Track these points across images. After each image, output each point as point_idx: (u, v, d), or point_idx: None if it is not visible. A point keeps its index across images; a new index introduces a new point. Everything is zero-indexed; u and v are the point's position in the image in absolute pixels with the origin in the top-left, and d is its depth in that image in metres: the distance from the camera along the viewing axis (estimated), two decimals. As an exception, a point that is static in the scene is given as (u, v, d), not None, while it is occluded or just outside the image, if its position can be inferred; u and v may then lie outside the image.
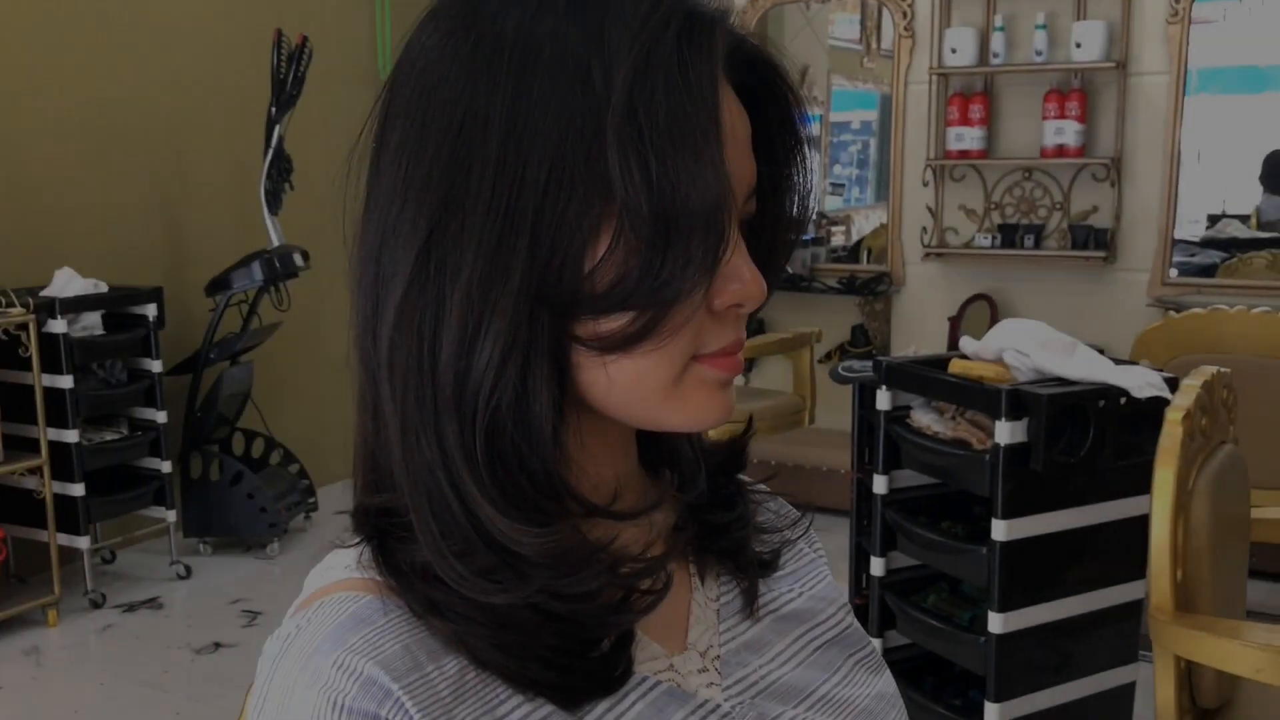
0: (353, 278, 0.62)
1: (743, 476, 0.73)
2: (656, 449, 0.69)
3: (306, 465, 4.30)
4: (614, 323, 0.56)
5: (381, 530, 0.59)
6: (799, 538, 0.75)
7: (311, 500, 4.26)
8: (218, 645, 3.33)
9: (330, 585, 0.59)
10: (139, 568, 3.94)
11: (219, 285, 3.94)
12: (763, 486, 0.76)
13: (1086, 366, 2.13)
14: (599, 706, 0.58)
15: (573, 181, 0.54)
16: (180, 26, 4.16)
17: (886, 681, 0.72)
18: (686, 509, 0.68)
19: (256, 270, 3.90)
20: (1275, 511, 2.03)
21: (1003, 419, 2.03)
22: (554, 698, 0.57)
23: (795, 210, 0.64)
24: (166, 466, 3.79)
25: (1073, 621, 2.18)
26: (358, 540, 0.61)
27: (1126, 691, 2.27)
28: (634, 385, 0.58)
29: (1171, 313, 3.24)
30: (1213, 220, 4.93)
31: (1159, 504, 1.57)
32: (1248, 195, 4.92)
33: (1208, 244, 4.74)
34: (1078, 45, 4.03)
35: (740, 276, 0.58)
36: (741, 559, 0.70)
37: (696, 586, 0.68)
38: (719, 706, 0.63)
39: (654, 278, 0.55)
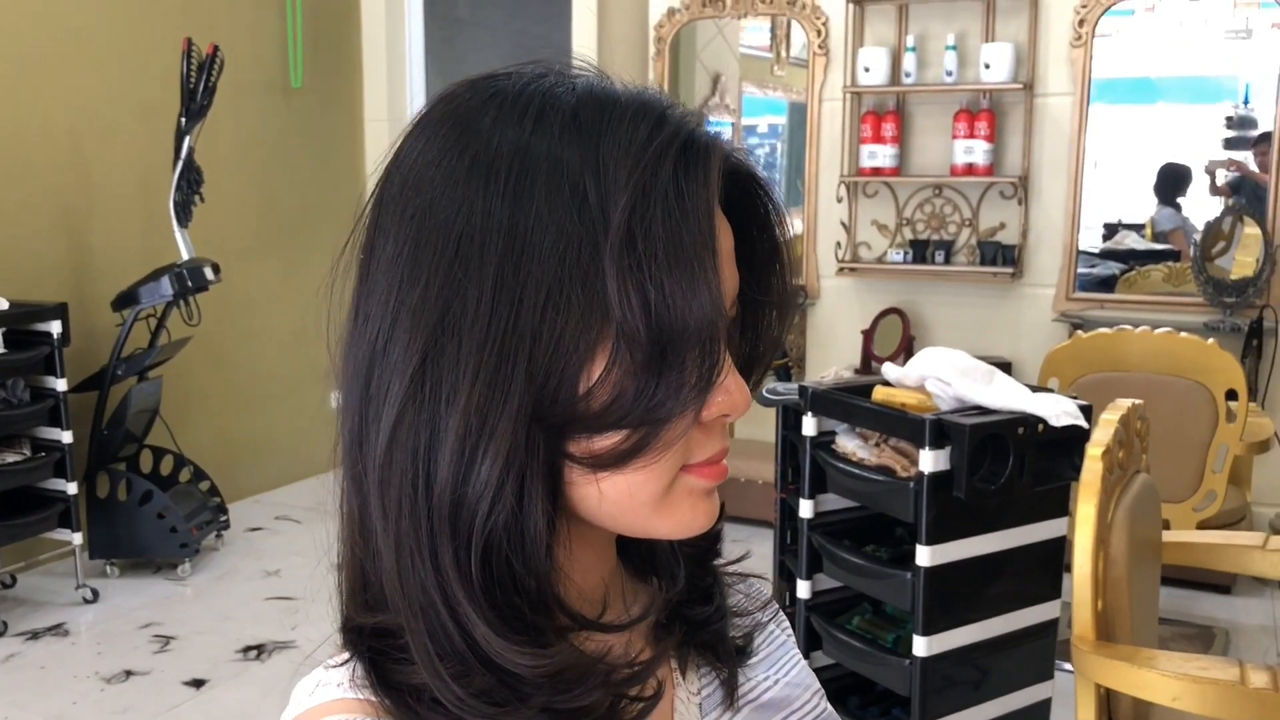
0: (339, 390, 0.61)
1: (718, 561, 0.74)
2: (634, 546, 0.70)
3: (217, 482, 4.21)
4: (607, 440, 0.57)
5: (375, 650, 0.59)
6: (769, 620, 0.77)
7: (223, 518, 4.17)
8: (129, 673, 3.24)
9: (323, 706, 0.59)
10: (42, 592, 3.82)
11: (127, 300, 3.84)
12: (734, 568, 0.77)
13: (1005, 395, 2.19)
14: None
15: (570, 303, 0.55)
16: (83, 35, 4.04)
17: None
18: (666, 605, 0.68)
19: (166, 284, 3.80)
20: (1184, 535, 2.11)
21: (927, 448, 2.08)
22: None
23: (775, 319, 0.65)
24: (72, 488, 3.68)
25: (993, 642, 2.24)
26: (347, 659, 0.60)
27: (1043, 707, 2.34)
28: (625, 498, 0.59)
29: (1080, 332, 3.35)
30: (1109, 229, 5.10)
31: (1081, 537, 1.63)
32: (1142, 205, 5.10)
33: (1106, 255, 4.90)
34: (986, 66, 4.14)
35: (727, 388, 0.59)
36: (721, 650, 0.71)
37: (679, 682, 0.69)
38: None
39: (649, 398, 0.56)
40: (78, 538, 3.73)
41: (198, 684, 3.18)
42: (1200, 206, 4.56)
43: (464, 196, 0.56)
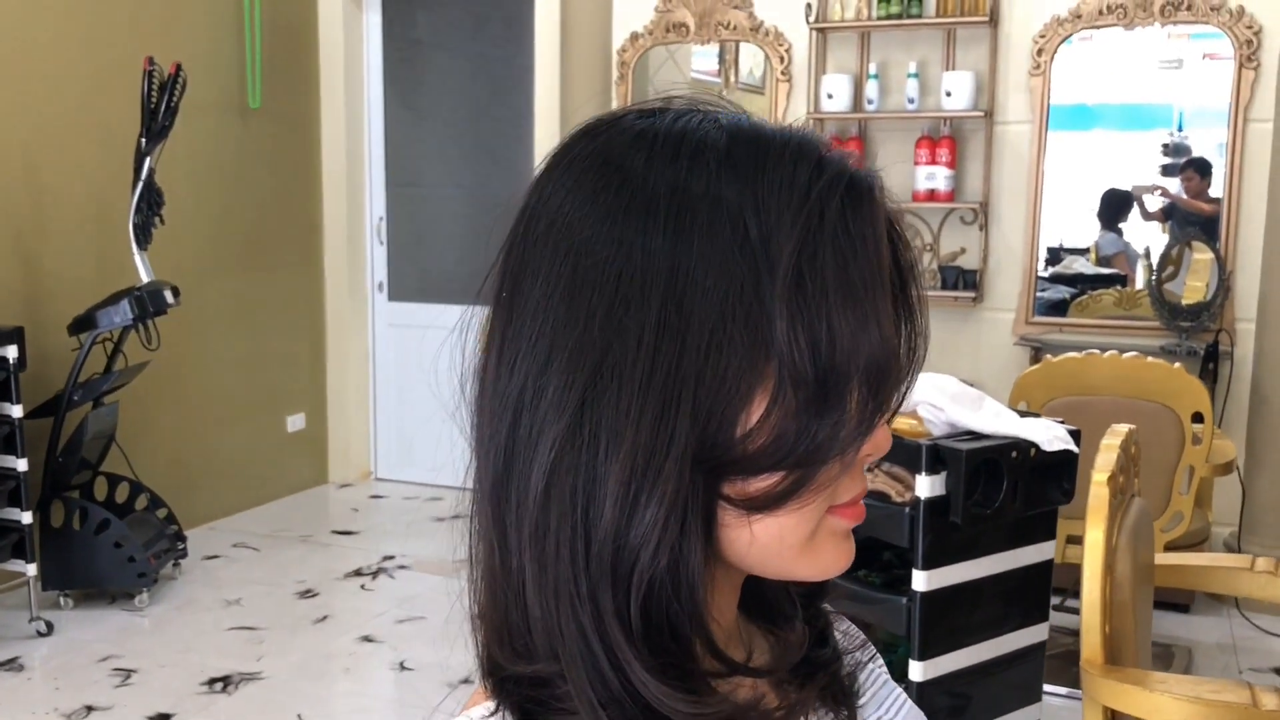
0: (476, 433, 0.60)
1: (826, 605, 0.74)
2: (746, 589, 0.69)
3: (174, 509, 4.11)
4: (764, 482, 0.56)
5: (527, 699, 0.57)
6: (869, 659, 0.76)
7: (181, 546, 4.08)
8: (90, 709, 3.15)
9: (479, 758, 0.57)
10: (-7, 625, 3.71)
11: (84, 324, 3.75)
12: (828, 608, 0.77)
13: (995, 420, 2.21)
14: None
15: (733, 343, 0.54)
16: (38, 54, 3.95)
17: None
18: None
19: (126, 308, 3.72)
20: (1175, 558, 2.14)
21: (923, 473, 2.09)
22: None
23: (916, 353, 0.65)
24: (27, 517, 3.57)
25: (984, 665, 2.26)
26: (494, 710, 0.58)
27: (1031, 730, 2.37)
28: (775, 541, 0.58)
29: (1049, 356, 3.40)
30: (1052, 254, 5.20)
31: (1090, 563, 1.64)
32: (1083, 230, 5.21)
33: (1055, 279, 4.99)
34: (948, 94, 4.20)
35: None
36: (838, 691, 0.70)
37: (802, 725, 0.68)
38: None
39: (810, 439, 0.55)
40: (32, 569, 3.62)
41: (163, 718, 3.09)
42: (1140, 231, 4.67)
43: (622, 235, 0.55)
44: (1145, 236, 4.63)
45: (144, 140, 3.78)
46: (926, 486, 2.10)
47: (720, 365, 0.54)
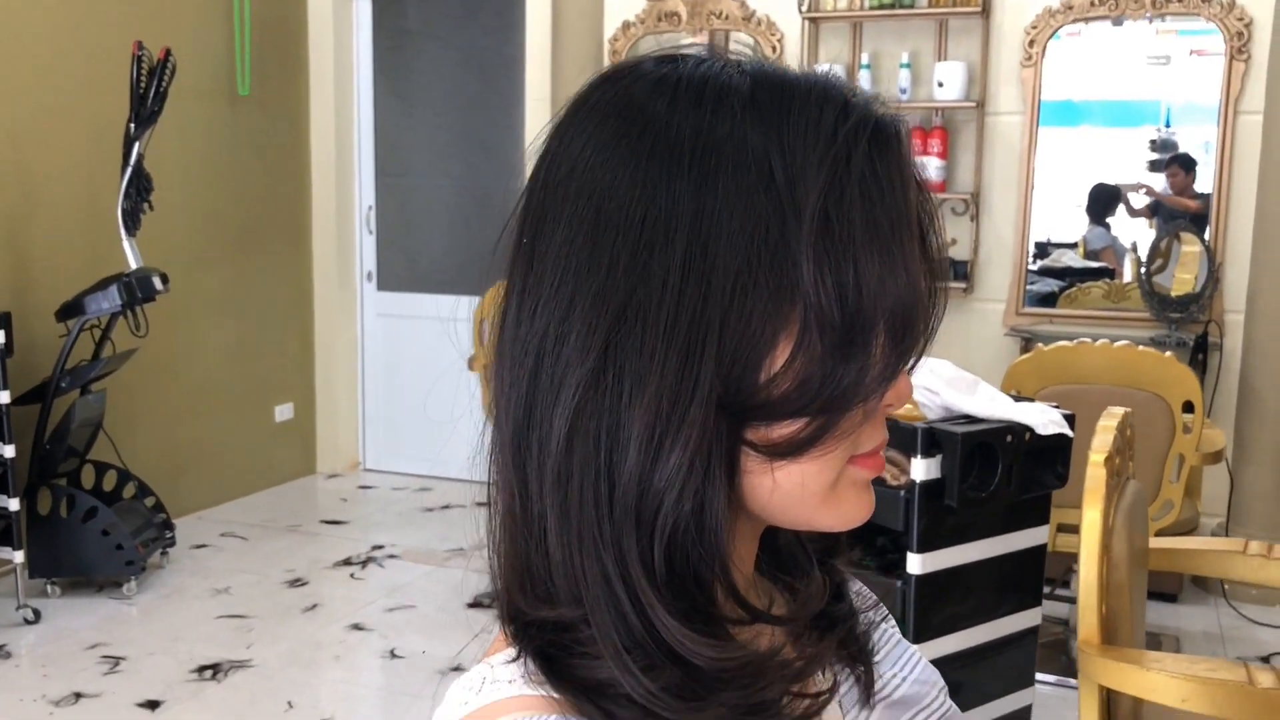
0: (497, 380, 0.59)
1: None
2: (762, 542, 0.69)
3: (162, 497, 4.09)
4: (787, 428, 0.56)
5: (549, 644, 0.57)
6: (882, 619, 0.76)
7: (169, 535, 4.06)
8: (79, 696, 3.13)
9: (499, 704, 0.56)
10: (-21, 613, 3.68)
11: (72, 310, 3.72)
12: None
13: (990, 404, 2.22)
14: None
15: (758, 286, 0.54)
16: (25, 39, 3.91)
17: None
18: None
19: (114, 294, 3.70)
20: (1168, 542, 2.15)
21: (919, 456, 2.09)
22: None
23: (937, 304, 0.65)
24: (14, 504, 3.55)
25: (978, 650, 2.26)
26: (515, 655, 0.58)
27: (1024, 714, 2.37)
28: (797, 489, 0.58)
29: (1039, 345, 3.41)
30: (1040, 248, 5.22)
31: (1088, 542, 1.65)
32: (1071, 225, 5.23)
33: (1044, 272, 5.01)
34: (940, 85, 4.21)
35: None
36: (854, 647, 0.70)
37: (819, 680, 0.68)
38: None
39: (835, 384, 0.55)
40: (19, 556, 3.60)
41: (153, 705, 3.07)
42: (1127, 226, 4.69)
43: (646, 178, 0.55)
44: (1133, 232, 4.65)
45: (133, 125, 3.76)
46: (922, 469, 2.10)
47: (745, 309, 0.54)
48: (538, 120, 4.73)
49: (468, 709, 0.57)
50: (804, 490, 0.58)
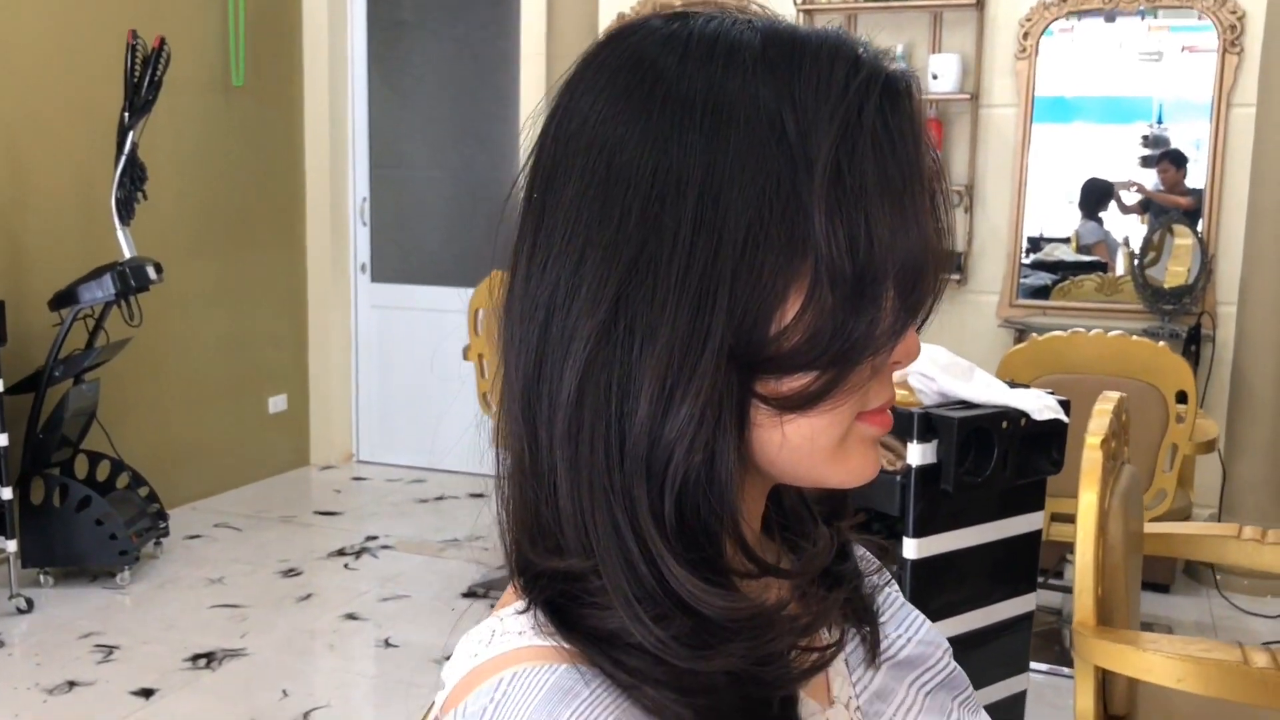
0: (506, 335, 0.59)
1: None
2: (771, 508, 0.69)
3: (155, 488, 4.09)
4: (796, 382, 0.56)
5: (559, 595, 0.57)
6: (886, 583, 0.77)
7: (163, 525, 4.05)
8: (72, 684, 3.12)
9: (509, 654, 0.56)
10: (-28, 602, 3.67)
11: (65, 299, 3.71)
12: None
13: (986, 390, 2.22)
14: None
15: (770, 239, 0.54)
16: (19, 28, 3.90)
17: None
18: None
19: (109, 283, 3.69)
20: (1163, 526, 2.16)
21: (915, 441, 2.10)
22: None
23: (944, 262, 0.65)
24: (8, 493, 3.54)
25: (973, 635, 2.27)
26: (525, 606, 0.58)
27: (1018, 700, 2.38)
28: (805, 444, 0.58)
29: (1034, 335, 3.42)
30: (1033, 242, 5.23)
31: (1084, 525, 1.65)
32: (1063, 220, 5.25)
33: (1036, 266, 5.02)
34: (934, 76, 4.21)
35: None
36: (859, 607, 0.71)
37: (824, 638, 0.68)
38: None
39: (845, 337, 0.55)
40: (12, 545, 3.59)
41: (147, 694, 3.07)
42: (1119, 221, 4.70)
43: (658, 133, 0.55)
44: (1125, 227, 4.66)
45: (127, 115, 3.75)
46: (918, 454, 2.10)
47: (756, 262, 0.54)
48: (532, 113, 4.71)
49: (477, 660, 0.57)
50: (812, 445, 0.58)
